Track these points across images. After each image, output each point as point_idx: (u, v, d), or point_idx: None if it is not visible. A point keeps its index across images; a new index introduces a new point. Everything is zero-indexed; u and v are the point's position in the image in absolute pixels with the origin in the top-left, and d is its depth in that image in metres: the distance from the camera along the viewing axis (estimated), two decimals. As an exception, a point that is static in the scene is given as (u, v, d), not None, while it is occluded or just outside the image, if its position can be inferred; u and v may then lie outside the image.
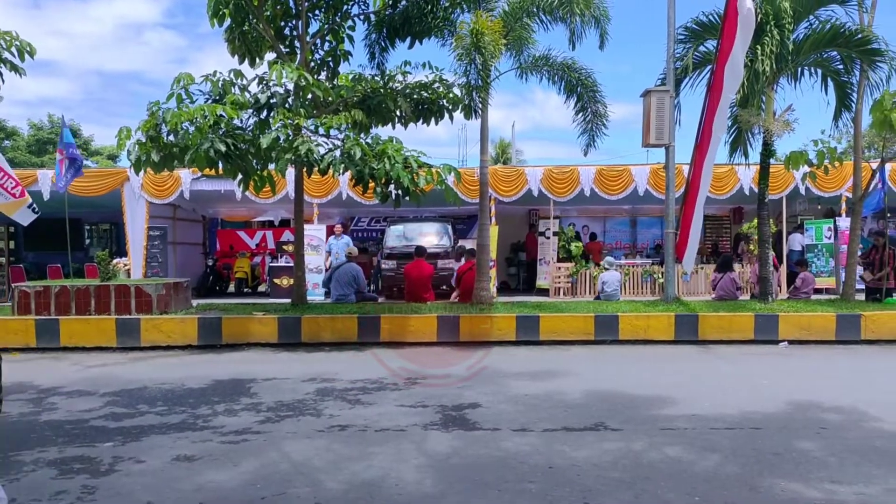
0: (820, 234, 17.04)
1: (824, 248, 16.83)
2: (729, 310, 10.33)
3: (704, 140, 10.73)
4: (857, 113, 11.87)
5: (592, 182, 16.25)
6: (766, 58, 10.64)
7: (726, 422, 5.66)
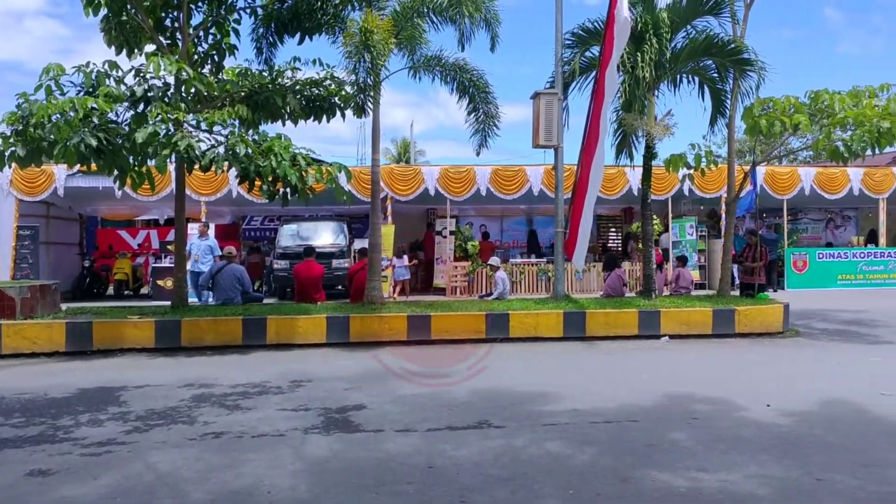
0: (683, 232, 18.10)
1: (688, 245, 17.88)
2: (615, 307, 10.71)
3: (591, 142, 11.09)
4: (731, 119, 12.61)
5: (488, 182, 16.50)
6: (647, 65, 11.12)
7: (605, 415, 5.82)
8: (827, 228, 22.71)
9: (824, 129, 10.61)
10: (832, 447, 4.93)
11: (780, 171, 18.14)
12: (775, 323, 10.47)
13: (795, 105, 10.52)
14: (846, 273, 18.13)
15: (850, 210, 22.42)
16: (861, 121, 9.93)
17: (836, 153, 10.36)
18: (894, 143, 9.95)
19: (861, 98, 10.33)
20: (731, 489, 4.13)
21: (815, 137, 11.04)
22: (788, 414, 5.77)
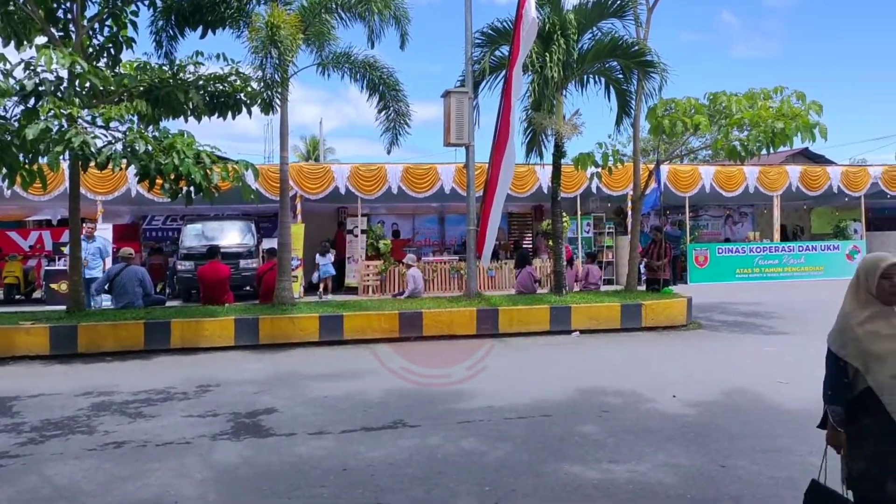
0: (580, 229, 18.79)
1: (583, 241, 18.57)
2: (527, 303, 10.95)
3: (501, 140, 11.28)
4: (636, 119, 13.12)
5: (400, 180, 16.50)
6: (555, 65, 11.42)
7: (519, 411, 5.95)
8: (726, 224, 24.07)
9: (723, 130, 11.24)
10: (734, 435, 5.24)
11: (683, 170, 19.07)
12: (679, 316, 11.00)
13: (696, 106, 11.09)
14: (744, 267, 19.27)
15: (747, 207, 23.82)
16: (756, 122, 10.57)
17: (734, 152, 10.99)
18: (787, 142, 10.62)
19: (756, 100, 10.98)
20: (641, 479, 4.32)
21: (715, 137, 11.67)
22: (693, 404, 6.09)
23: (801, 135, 10.44)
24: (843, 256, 19.82)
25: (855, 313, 2.96)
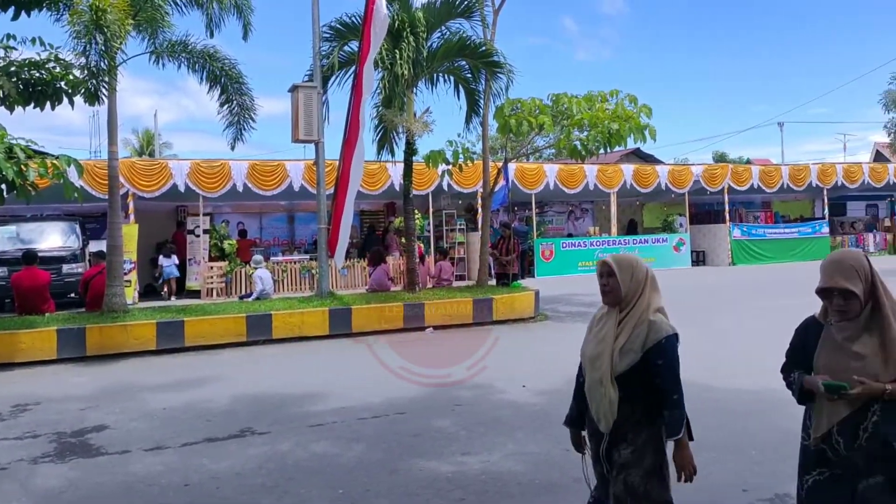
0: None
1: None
2: (380, 301, 10.95)
3: (352, 137, 11.19)
4: (485, 118, 13.52)
5: (245, 177, 15.90)
6: (405, 62, 11.50)
7: (373, 410, 5.93)
8: (569, 220, 25.48)
9: (565, 130, 11.85)
10: (576, 418, 5.53)
11: (529, 168, 19.93)
12: (528, 309, 11.49)
13: (540, 107, 11.61)
14: (586, 260, 20.45)
15: (588, 203, 25.36)
16: (595, 122, 11.25)
17: (575, 151, 11.63)
18: (622, 142, 11.39)
19: (594, 102, 11.68)
20: (492, 469, 4.46)
21: (558, 137, 12.29)
22: (541, 393, 6.38)
23: (634, 135, 11.24)
24: (671, 248, 21.67)
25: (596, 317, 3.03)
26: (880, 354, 2.40)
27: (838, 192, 25.42)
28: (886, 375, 2.38)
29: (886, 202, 27.83)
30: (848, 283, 2.39)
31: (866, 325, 2.45)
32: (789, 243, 22.96)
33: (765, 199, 26.69)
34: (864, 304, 2.43)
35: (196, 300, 14.26)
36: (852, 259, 2.46)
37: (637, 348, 2.65)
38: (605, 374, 2.70)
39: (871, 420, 2.41)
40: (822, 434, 2.50)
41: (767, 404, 5.78)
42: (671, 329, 2.68)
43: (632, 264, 2.77)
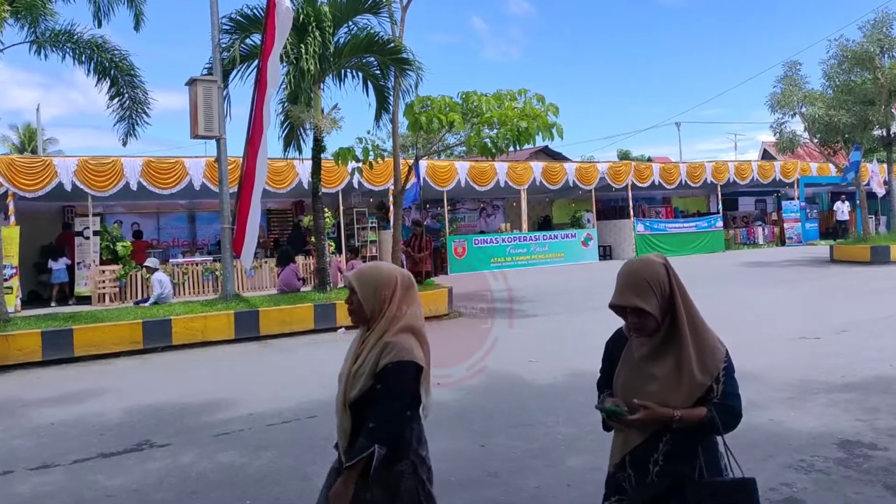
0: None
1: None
2: (289, 303, 10.68)
3: (256, 133, 10.84)
4: (395, 115, 13.43)
5: (140, 175, 15.15)
6: (311, 57, 11.26)
7: (283, 416, 5.75)
8: (480, 217, 25.75)
9: (475, 127, 11.92)
10: (492, 414, 5.57)
11: (440, 165, 19.99)
12: (442, 306, 11.50)
13: (450, 104, 11.63)
14: (498, 256, 20.75)
15: (499, 200, 25.72)
16: (504, 120, 11.38)
17: (485, 149, 11.73)
18: (531, 140, 11.58)
19: (503, 100, 11.82)
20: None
21: (468, 134, 12.35)
22: (457, 390, 6.37)
23: (542, 133, 11.45)
24: (579, 244, 22.29)
25: None
26: (675, 376, 2.11)
27: (730, 188, 26.92)
28: (679, 400, 2.09)
29: (773, 197, 29.68)
30: (639, 301, 2.11)
31: (664, 344, 2.16)
32: (688, 237, 24.10)
33: (665, 195, 27.92)
34: (662, 320, 2.14)
35: (87, 307, 13.48)
36: (647, 272, 2.14)
37: (369, 372, 2.32)
38: (340, 400, 2.42)
39: (662, 452, 2.13)
40: (616, 463, 2.25)
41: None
42: (407, 355, 2.31)
43: (376, 279, 2.42)
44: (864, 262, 17.42)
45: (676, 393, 2.10)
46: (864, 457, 4.23)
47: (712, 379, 2.12)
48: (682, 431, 2.09)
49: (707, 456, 2.14)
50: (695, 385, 2.10)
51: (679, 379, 2.11)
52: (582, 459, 4.42)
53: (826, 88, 19.33)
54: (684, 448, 2.12)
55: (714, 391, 2.12)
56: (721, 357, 2.16)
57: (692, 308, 2.18)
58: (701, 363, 2.11)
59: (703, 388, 2.11)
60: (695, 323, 2.16)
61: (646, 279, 2.13)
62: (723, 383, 2.13)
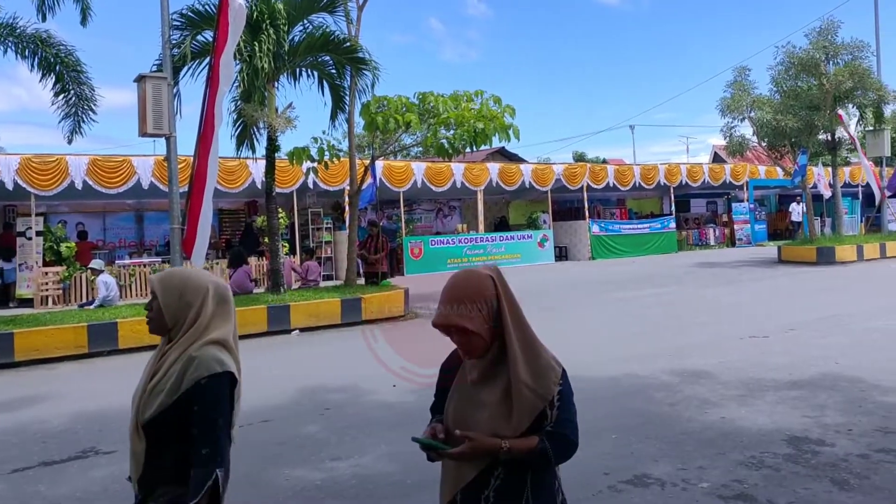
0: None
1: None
2: (242, 305, 10.49)
3: (207, 132, 10.62)
4: (350, 114, 13.34)
5: (85, 174, 14.73)
6: (265, 55, 11.11)
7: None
8: (437, 218, 25.78)
9: (431, 128, 11.94)
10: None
11: (396, 165, 19.94)
12: (398, 307, 11.46)
13: (407, 105, 11.62)
14: (454, 257, 20.77)
15: (455, 201, 25.79)
16: (461, 121, 11.42)
17: (442, 149, 11.75)
18: (487, 141, 11.64)
19: (460, 101, 11.86)
20: (364, 472, 4.36)
21: (424, 135, 12.36)
22: (413, 391, 6.35)
23: (499, 135, 11.53)
24: (535, 244, 22.48)
25: None
26: (505, 402, 1.88)
27: (683, 190, 27.52)
28: (510, 428, 1.85)
29: (724, 199, 30.47)
30: (461, 319, 1.87)
31: (494, 366, 1.93)
32: (642, 238, 24.53)
33: (620, 196, 28.41)
34: (491, 340, 1.91)
35: (29, 309, 13.04)
36: (471, 286, 1.91)
37: (169, 389, 2.10)
38: (132, 422, 2.21)
39: (493, 487, 1.90)
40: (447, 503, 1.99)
41: (627, 388, 6.09)
42: (220, 366, 2.11)
43: (182, 283, 2.18)
44: (810, 262, 18.00)
45: (507, 420, 1.86)
46: (812, 453, 4.34)
47: (545, 403, 1.88)
48: (514, 464, 1.88)
49: (537, 492, 1.92)
50: (525, 411, 1.86)
51: (509, 405, 1.87)
52: (538, 459, 4.43)
53: (774, 94, 19.91)
54: (516, 483, 1.90)
55: (548, 417, 1.89)
56: (556, 378, 1.92)
57: (523, 324, 1.95)
58: (532, 386, 1.87)
59: (535, 413, 1.87)
60: (526, 341, 1.92)
61: (469, 294, 1.90)
62: (557, 408, 1.90)
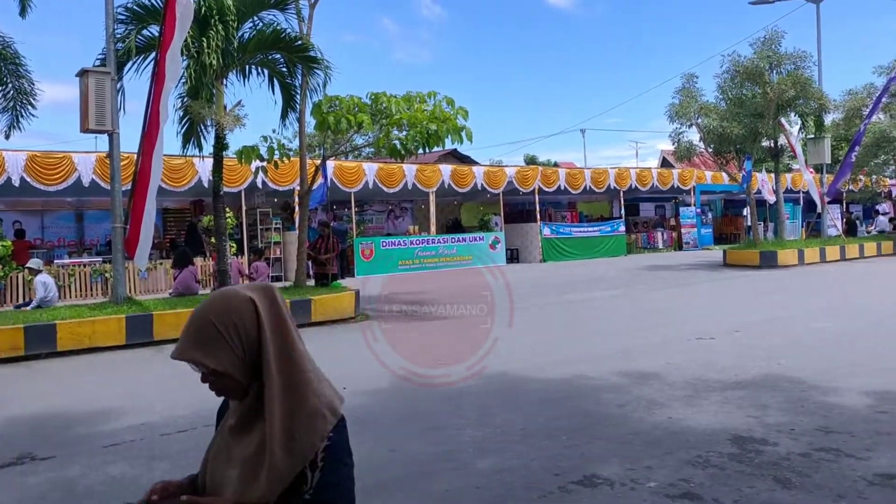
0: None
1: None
2: (187, 306, 10.26)
3: (152, 129, 10.37)
4: (301, 114, 13.18)
5: (23, 170, 14.22)
6: (213, 52, 10.89)
7: (179, 425, 5.51)
8: (388, 219, 25.71)
9: (384, 129, 11.88)
10: (401, 418, 5.55)
11: (348, 166, 19.81)
12: (348, 309, 11.38)
13: (359, 105, 11.54)
14: (406, 258, 20.76)
15: (407, 202, 25.77)
16: (414, 122, 11.39)
17: (395, 150, 11.70)
18: (440, 143, 11.64)
19: (413, 102, 11.82)
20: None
21: (377, 135, 12.30)
22: (364, 393, 6.31)
23: (452, 136, 11.54)
24: (487, 246, 22.63)
25: None
26: (257, 460, 1.49)
27: (632, 194, 28.08)
28: (258, 493, 1.45)
29: (671, 203, 31.20)
30: (202, 355, 1.51)
31: (251, 413, 1.54)
32: (592, 241, 24.93)
33: (571, 199, 28.83)
34: (249, 380, 1.52)
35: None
36: (220, 313, 1.51)
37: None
38: None
39: None
40: None
41: (577, 390, 6.18)
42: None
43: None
44: (754, 266, 18.57)
45: (256, 483, 1.47)
46: (756, 451, 4.47)
47: (305, 463, 1.49)
48: None
49: None
50: (276, 474, 1.45)
51: (260, 464, 1.48)
52: (490, 461, 4.47)
53: (720, 101, 20.48)
54: None
55: (307, 481, 1.50)
56: (324, 431, 1.53)
57: (292, 362, 1.51)
58: (289, 442, 1.47)
59: (289, 477, 1.47)
60: (291, 383, 1.50)
61: (216, 324, 1.49)
62: (320, 470, 1.51)
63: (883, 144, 22.39)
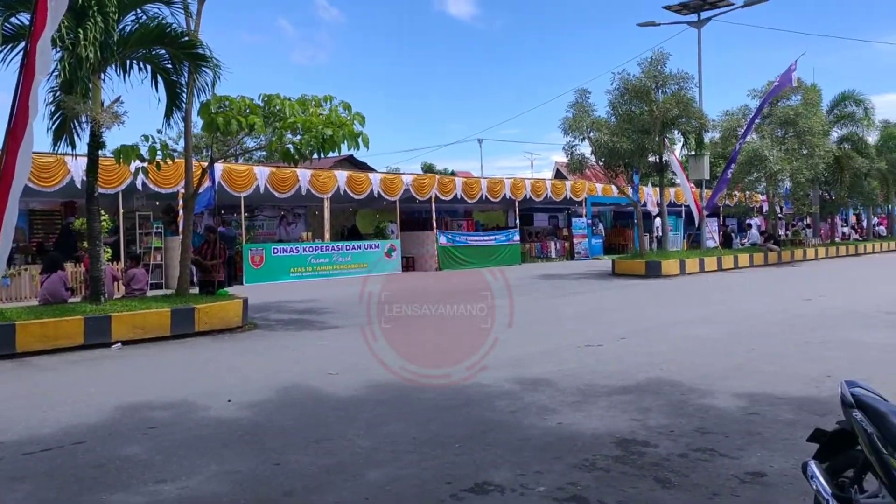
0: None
1: None
2: (54, 315, 9.61)
3: (19, 123, 9.65)
4: (188, 113, 12.66)
5: None
6: (91, 44, 10.29)
7: (43, 443, 5.14)
8: (280, 225, 25.14)
9: (277, 132, 11.60)
10: (288, 430, 5.40)
11: (238, 169, 19.21)
12: (235, 318, 11.01)
13: (251, 106, 11.23)
14: (298, 266, 20.36)
15: (301, 208, 25.30)
16: (309, 127, 11.19)
17: (288, 155, 11.46)
18: (336, 149, 11.51)
19: (308, 106, 11.61)
20: (192, 494, 4.12)
21: (269, 139, 11.99)
22: (248, 406, 6.11)
23: (348, 142, 11.43)
24: (383, 254, 22.57)
25: None
26: None
27: (527, 204, 28.83)
28: None
29: (564, 214, 32.30)
30: None
31: None
32: (488, 249, 25.38)
33: (467, 208, 29.25)
34: None
35: None
36: None
37: None
38: None
39: None
40: None
41: (471, 398, 6.24)
42: None
43: None
44: (640, 275, 19.50)
45: None
46: (639, 453, 4.67)
47: None
48: None
49: None
50: None
51: None
52: (381, 472, 4.42)
53: (610, 116, 21.42)
54: None
55: None
56: None
57: None
58: None
59: None
60: None
61: None
62: None
63: (755, 163, 24.06)
